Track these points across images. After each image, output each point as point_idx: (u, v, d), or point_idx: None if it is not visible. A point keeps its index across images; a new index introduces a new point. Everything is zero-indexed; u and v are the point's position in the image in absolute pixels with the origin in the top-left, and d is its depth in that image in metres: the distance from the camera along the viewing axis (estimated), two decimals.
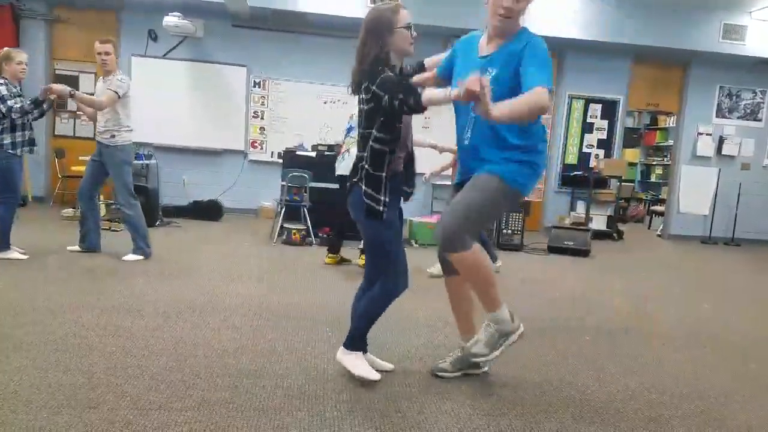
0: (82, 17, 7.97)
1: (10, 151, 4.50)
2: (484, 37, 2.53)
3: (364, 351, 2.67)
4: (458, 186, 2.63)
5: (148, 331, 3.07)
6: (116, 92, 4.64)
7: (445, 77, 2.66)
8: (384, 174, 2.42)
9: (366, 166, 2.42)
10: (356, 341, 2.60)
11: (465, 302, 2.76)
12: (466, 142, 2.55)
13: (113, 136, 4.76)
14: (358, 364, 2.59)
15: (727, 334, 3.85)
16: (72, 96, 4.60)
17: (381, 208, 2.42)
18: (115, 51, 4.79)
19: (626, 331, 3.74)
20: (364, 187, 2.43)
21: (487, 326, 2.56)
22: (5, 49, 4.66)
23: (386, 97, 2.29)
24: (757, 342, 3.73)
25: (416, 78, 2.71)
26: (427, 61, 2.83)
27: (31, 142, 4.71)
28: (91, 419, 2.08)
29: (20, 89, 4.68)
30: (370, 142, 2.40)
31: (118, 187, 4.87)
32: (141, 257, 4.86)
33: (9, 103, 4.41)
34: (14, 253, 4.59)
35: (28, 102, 4.51)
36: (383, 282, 2.53)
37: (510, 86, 2.29)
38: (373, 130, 2.39)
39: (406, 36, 2.42)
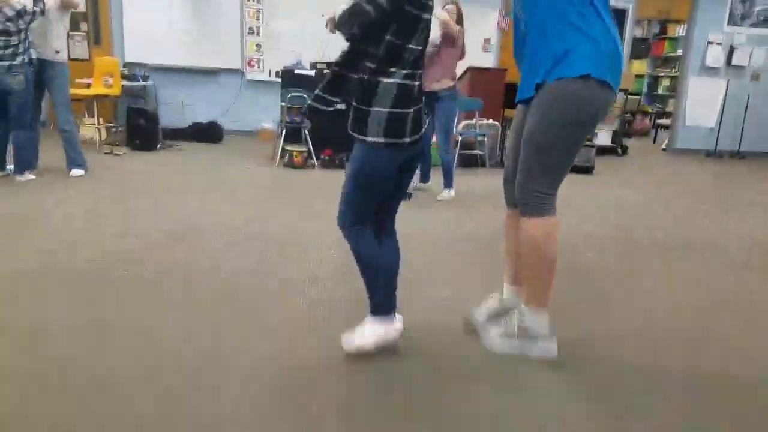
0: None
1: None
2: None
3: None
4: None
5: (156, 251, 3.14)
6: None
7: None
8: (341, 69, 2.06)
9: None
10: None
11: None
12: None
13: (58, 52, 4.71)
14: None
15: (728, 243, 3.90)
16: None
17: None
18: None
19: (630, 244, 3.79)
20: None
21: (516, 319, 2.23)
22: None
23: None
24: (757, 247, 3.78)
25: None
26: None
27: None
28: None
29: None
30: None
31: (62, 104, 4.86)
32: (83, 172, 5.02)
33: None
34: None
35: None
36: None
37: None
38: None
39: None
